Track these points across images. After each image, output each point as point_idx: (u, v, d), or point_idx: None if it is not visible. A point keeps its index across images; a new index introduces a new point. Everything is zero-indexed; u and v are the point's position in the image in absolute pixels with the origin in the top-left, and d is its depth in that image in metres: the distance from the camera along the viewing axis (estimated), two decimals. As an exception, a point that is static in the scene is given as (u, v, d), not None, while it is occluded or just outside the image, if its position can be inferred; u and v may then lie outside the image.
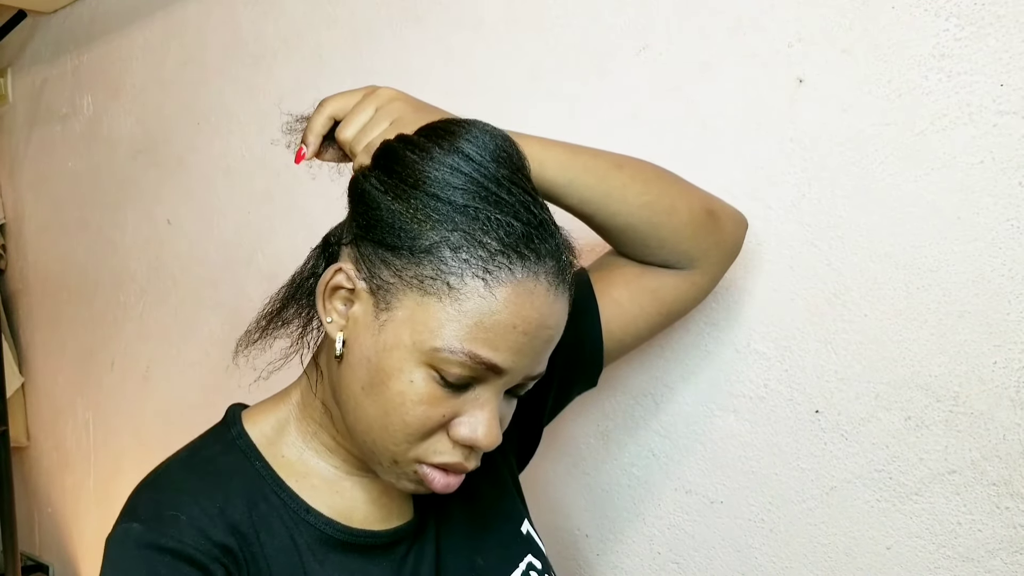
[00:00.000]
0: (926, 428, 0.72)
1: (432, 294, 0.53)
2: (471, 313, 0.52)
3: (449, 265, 0.52)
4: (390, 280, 0.54)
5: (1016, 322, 0.68)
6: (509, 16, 0.99)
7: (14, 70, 1.99)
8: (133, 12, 1.60)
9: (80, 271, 1.84)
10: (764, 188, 0.80)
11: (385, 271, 0.54)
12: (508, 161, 0.56)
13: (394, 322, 0.54)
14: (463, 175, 0.54)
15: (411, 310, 0.53)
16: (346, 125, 0.62)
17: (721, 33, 0.82)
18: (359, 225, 0.56)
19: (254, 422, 0.63)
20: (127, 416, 1.75)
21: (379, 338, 0.54)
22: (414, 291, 0.53)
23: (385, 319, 0.54)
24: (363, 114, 0.61)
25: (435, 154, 0.54)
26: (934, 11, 0.70)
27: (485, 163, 0.54)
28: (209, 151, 1.46)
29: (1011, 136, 0.67)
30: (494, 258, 0.52)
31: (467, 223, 0.53)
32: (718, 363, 0.85)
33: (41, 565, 2.07)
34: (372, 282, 0.55)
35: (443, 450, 0.56)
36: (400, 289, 0.54)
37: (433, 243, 0.53)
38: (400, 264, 0.53)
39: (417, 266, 0.53)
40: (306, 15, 1.25)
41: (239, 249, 1.42)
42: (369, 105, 0.62)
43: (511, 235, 0.53)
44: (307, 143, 0.63)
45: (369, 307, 0.55)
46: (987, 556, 0.70)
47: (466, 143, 0.54)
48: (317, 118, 0.63)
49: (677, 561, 0.90)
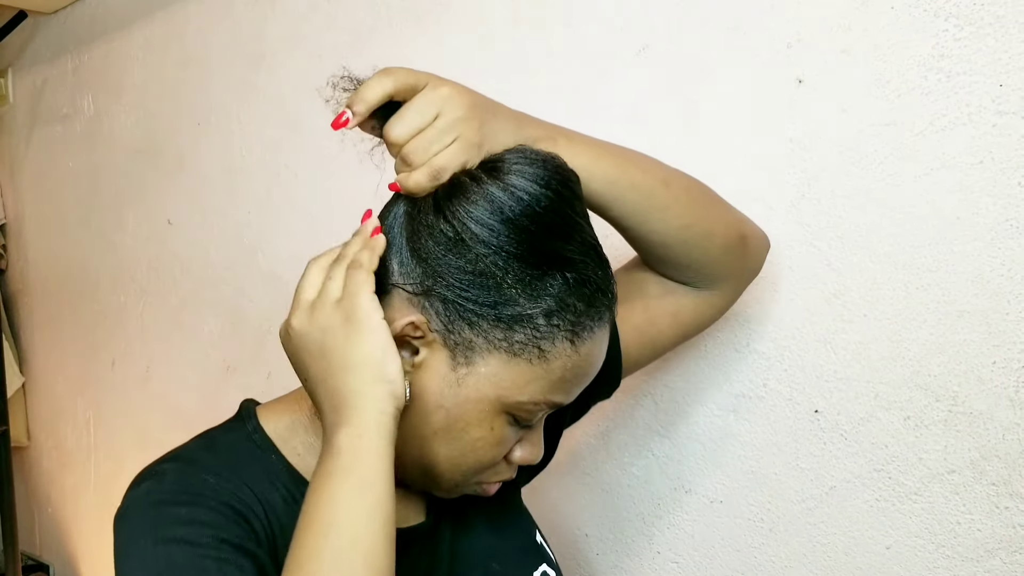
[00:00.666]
0: (925, 428, 0.72)
1: (522, 357, 0.54)
2: (558, 370, 0.55)
3: (541, 331, 0.53)
4: (473, 339, 0.53)
5: (1015, 322, 0.68)
6: (509, 16, 0.99)
7: (15, 70, 2.00)
8: (133, 12, 1.60)
9: (80, 271, 1.84)
10: (764, 188, 0.80)
11: (467, 330, 0.53)
12: (573, 196, 0.56)
13: (475, 376, 0.54)
14: (542, 228, 0.53)
15: (496, 368, 0.54)
16: (400, 122, 0.54)
17: (721, 33, 0.82)
18: (432, 276, 0.53)
19: (268, 419, 0.62)
20: (127, 416, 1.75)
21: (458, 391, 0.55)
22: (501, 352, 0.54)
23: (465, 373, 0.54)
24: (422, 116, 0.54)
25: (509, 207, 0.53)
26: (934, 11, 0.70)
27: (555, 208, 0.54)
28: (209, 151, 1.47)
29: (1010, 136, 0.67)
30: (580, 320, 0.54)
31: (556, 287, 0.53)
32: (718, 363, 0.85)
33: (41, 565, 2.07)
34: (449, 337, 0.54)
35: (501, 470, 0.60)
36: (485, 349, 0.54)
37: (525, 312, 0.53)
38: (487, 327, 0.53)
39: (508, 330, 0.53)
40: (306, 15, 1.25)
41: (239, 249, 1.42)
42: (430, 107, 0.54)
43: (591, 290, 0.55)
44: (355, 111, 0.54)
45: (443, 359, 0.54)
46: (986, 556, 0.70)
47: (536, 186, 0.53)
48: (375, 88, 0.54)
49: (677, 561, 0.90)
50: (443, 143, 0.54)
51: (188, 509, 0.52)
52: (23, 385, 2.06)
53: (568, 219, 0.54)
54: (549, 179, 0.54)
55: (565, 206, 0.54)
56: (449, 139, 0.54)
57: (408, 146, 0.54)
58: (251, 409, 0.63)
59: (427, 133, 0.54)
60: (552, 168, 0.55)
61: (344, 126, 0.54)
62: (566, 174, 0.56)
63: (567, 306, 0.54)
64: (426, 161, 0.54)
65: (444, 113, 0.54)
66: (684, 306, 0.71)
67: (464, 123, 0.54)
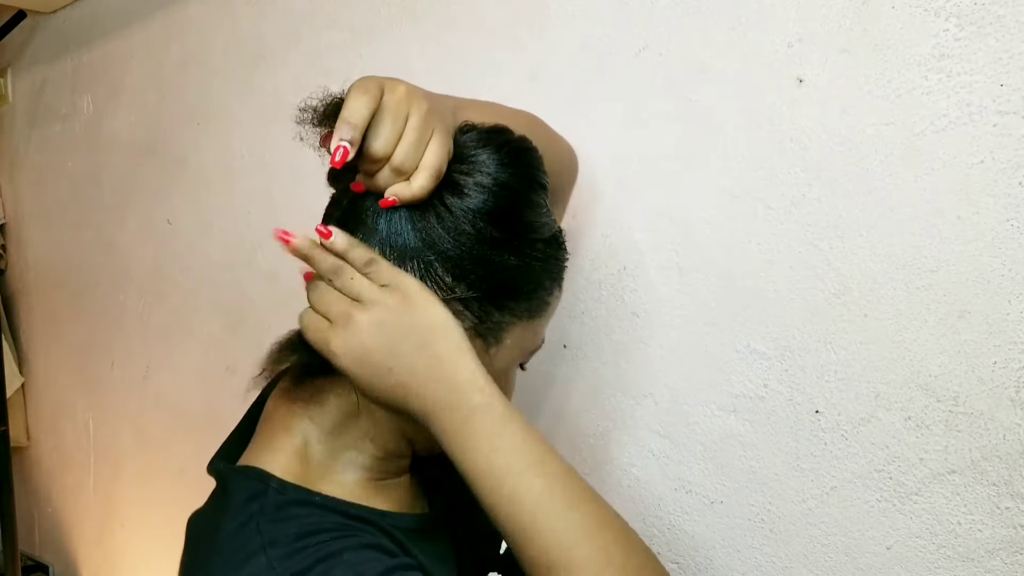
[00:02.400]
0: (926, 428, 0.72)
1: (536, 315, 0.60)
2: (552, 312, 0.62)
3: (548, 288, 0.60)
4: (502, 319, 0.58)
5: (1016, 322, 0.68)
6: (509, 16, 0.99)
7: (14, 70, 1.99)
8: (133, 12, 1.60)
9: (80, 271, 1.84)
10: (764, 188, 0.80)
11: (496, 314, 0.57)
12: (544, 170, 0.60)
13: (505, 349, 0.59)
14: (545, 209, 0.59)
15: (520, 335, 0.59)
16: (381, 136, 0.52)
17: (721, 33, 0.82)
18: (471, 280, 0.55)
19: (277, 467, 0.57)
20: (127, 416, 1.75)
21: (493, 366, 0.58)
22: (523, 320, 0.59)
23: (495, 351, 0.58)
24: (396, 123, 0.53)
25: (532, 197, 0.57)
26: (934, 11, 0.70)
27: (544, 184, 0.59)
28: (209, 151, 1.46)
29: (1011, 136, 0.67)
30: (563, 266, 0.61)
31: (554, 250, 0.60)
32: (718, 363, 0.85)
33: (41, 565, 2.07)
34: (481, 326, 0.57)
35: None
36: (511, 323, 0.58)
37: (540, 280, 0.59)
38: (514, 305, 0.58)
39: (528, 301, 0.58)
40: (306, 15, 1.25)
41: (239, 249, 1.42)
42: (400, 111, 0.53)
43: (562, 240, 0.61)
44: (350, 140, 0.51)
45: (478, 347, 0.57)
46: (987, 556, 0.70)
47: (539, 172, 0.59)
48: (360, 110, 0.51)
49: (677, 561, 0.90)
50: (426, 141, 0.53)
51: (340, 569, 0.49)
52: (23, 385, 2.06)
53: (545, 186, 0.59)
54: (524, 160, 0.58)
55: (542, 176, 0.59)
56: (429, 135, 0.53)
57: (396, 157, 0.52)
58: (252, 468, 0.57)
59: (408, 137, 0.52)
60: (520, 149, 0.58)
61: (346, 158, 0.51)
62: (531, 150, 0.59)
63: (559, 262, 0.60)
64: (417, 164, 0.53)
65: (412, 113, 0.53)
66: None
67: (432, 115, 0.54)
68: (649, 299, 0.90)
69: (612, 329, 0.93)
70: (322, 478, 0.58)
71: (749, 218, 0.81)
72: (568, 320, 0.97)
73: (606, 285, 0.93)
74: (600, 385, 0.95)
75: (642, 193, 0.89)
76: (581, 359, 0.96)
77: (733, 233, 0.83)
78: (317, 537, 0.51)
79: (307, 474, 0.57)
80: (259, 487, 0.55)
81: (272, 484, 0.55)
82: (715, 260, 0.84)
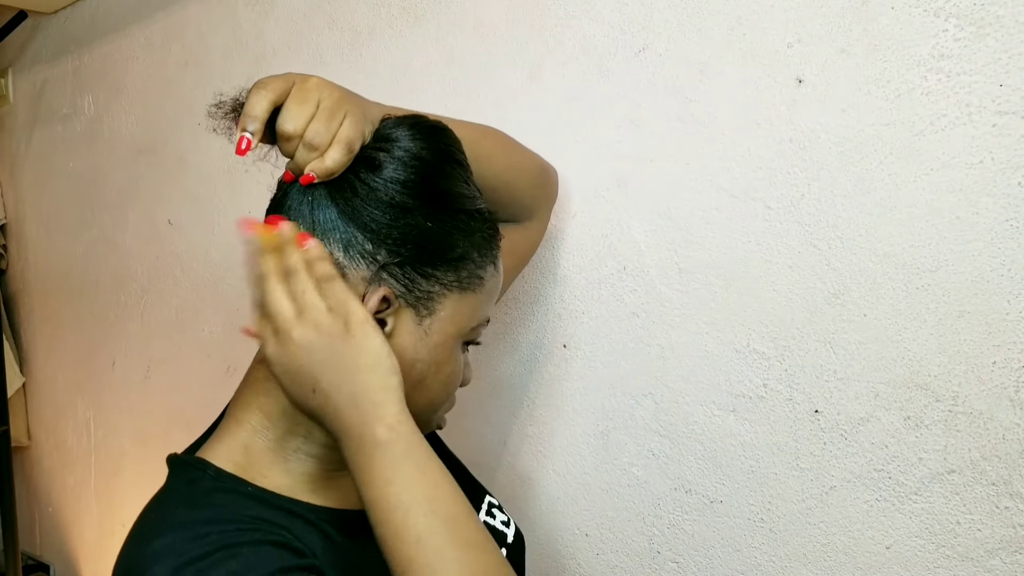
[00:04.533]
0: (925, 428, 0.72)
1: (469, 289, 0.61)
2: (490, 290, 0.63)
3: (478, 262, 0.61)
4: (431, 289, 0.59)
5: (1016, 322, 0.68)
6: (509, 16, 0.99)
7: (15, 70, 2.00)
8: (133, 12, 1.60)
9: (81, 271, 1.84)
10: (764, 188, 0.80)
11: (424, 282, 0.59)
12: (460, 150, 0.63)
13: (439, 322, 0.60)
14: (464, 183, 0.61)
15: (453, 308, 0.60)
16: (290, 117, 0.56)
17: (721, 33, 0.82)
18: (387, 247, 0.57)
19: (220, 457, 0.60)
20: (128, 416, 1.75)
21: (427, 340, 0.60)
22: (455, 292, 0.60)
23: (430, 323, 0.60)
24: (307, 105, 0.57)
25: (447, 169, 0.60)
26: (934, 11, 0.70)
27: (467, 164, 0.62)
28: (209, 151, 1.47)
29: (1010, 136, 0.67)
30: (494, 244, 0.63)
31: (479, 225, 0.61)
32: (718, 363, 0.85)
33: (42, 565, 2.07)
34: (410, 295, 0.59)
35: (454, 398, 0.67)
36: (441, 294, 0.60)
37: (465, 251, 0.60)
38: (440, 274, 0.59)
39: (455, 271, 0.60)
40: (306, 15, 1.25)
41: (240, 249, 1.42)
42: (310, 96, 0.57)
43: (492, 218, 0.63)
44: (251, 131, 0.56)
45: (409, 318, 0.59)
46: (986, 556, 0.70)
47: (456, 150, 0.61)
48: (260, 102, 0.56)
49: (677, 561, 0.90)
50: (338, 120, 0.57)
51: (234, 562, 0.51)
52: (23, 385, 2.06)
53: (464, 164, 0.62)
54: (438, 136, 0.60)
55: (458, 154, 0.62)
56: (341, 115, 0.57)
57: (308, 132, 0.56)
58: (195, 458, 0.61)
59: (319, 115, 0.57)
60: (434, 128, 0.61)
61: (249, 148, 0.56)
62: (446, 131, 0.62)
63: (488, 236, 0.62)
64: (330, 140, 0.56)
65: (324, 98, 0.58)
66: (516, 241, 0.82)
67: (344, 101, 0.58)
68: (649, 299, 0.90)
69: (612, 329, 0.93)
70: (270, 467, 0.61)
71: (749, 218, 0.81)
72: (568, 320, 0.97)
73: (606, 285, 0.93)
74: (600, 385, 0.95)
75: (642, 193, 0.89)
76: (581, 359, 0.96)
77: (733, 233, 0.83)
78: (223, 526, 0.54)
79: (250, 464, 0.60)
80: (196, 475, 0.59)
81: (209, 472, 0.59)
82: (715, 260, 0.84)
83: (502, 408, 1.05)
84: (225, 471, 0.59)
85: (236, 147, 0.56)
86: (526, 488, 1.03)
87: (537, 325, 0.99)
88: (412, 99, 1.10)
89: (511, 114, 0.99)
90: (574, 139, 0.94)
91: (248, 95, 0.58)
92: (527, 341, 1.01)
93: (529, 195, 0.82)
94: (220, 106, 0.60)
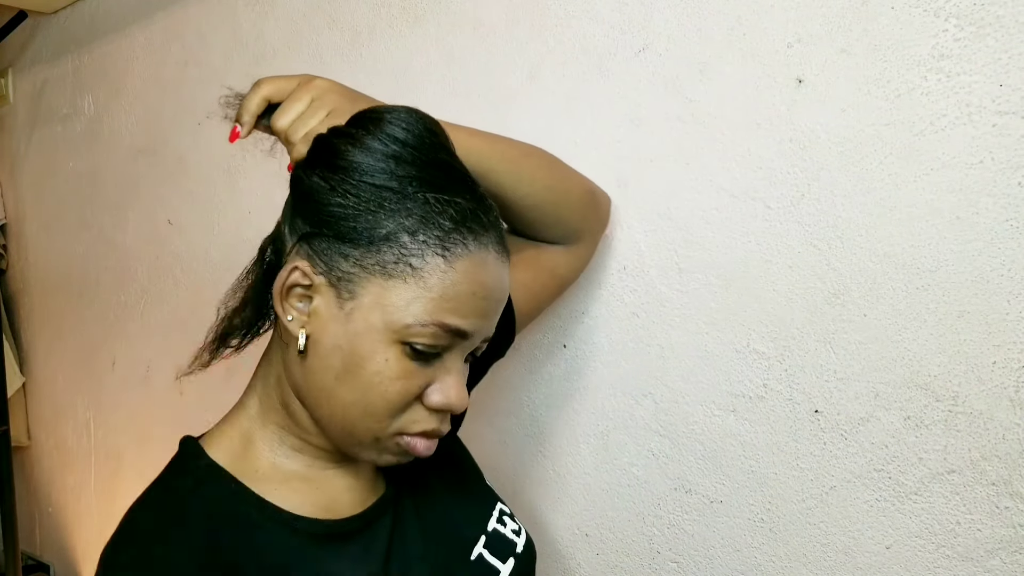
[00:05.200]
0: (925, 428, 0.72)
1: (396, 276, 0.56)
2: (435, 287, 0.56)
3: (409, 248, 0.56)
4: (351, 270, 0.56)
5: (1015, 322, 0.68)
6: (509, 16, 0.99)
7: (15, 70, 2.00)
8: (133, 12, 1.60)
9: (81, 271, 1.84)
10: (764, 188, 0.80)
11: (344, 263, 0.56)
12: (439, 141, 0.60)
13: (361, 308, 0.56)
14: (403, 162, 0.57)
15: (377, 295, 0.56)
16: (282, 113, 0.63)
17: (721, 33, 0.82)
18: (309, 222, 0.58)
19: (217, 446, 0.62)
20: (128, 416, 1.75)
21: (348, 326, 0.57)
22: (377, 277, 0.56)
23: (351, 307, 0.57)
24: (299, 103, 0.63)
25: (371, 144, 0.57)
26: (934, 11, 0.70)
27: (421, 146, 0.58)
28: (209, 151, 1.47)
29: (1010, 136, 0.67)
30: (449, 236, 0.56)
31: (419, 207, 0.56)
32: (718, 363, 0.85)
33: (42, 564, 2.07)
34: (331, 275, 0.57)
35: (420, 419, 0.60)
36: (363, 277, 0.56)
37: (390, 231, 0.56)
38: (359, 254, 0.56)
39: (378, 253, 0.56)
40: (306, 15, 1.25)
41: (239, 249, 1.42)
42: (304, 95, 0.63)
43: (460, 212, 0.57)
44: (242, 122, 0.64)
45: (331, 299, 0.57)
46: (986, 556, 0.70)
47: (398, 129, 0.58)
48: (252, 98, 0.64)
49: (677, 561, 0.90)
50: (319, 118, 0.62)
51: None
52: (23, 385, 2.06)
53: (430, 149, 0.58)
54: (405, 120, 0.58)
55: (428, 137, 0.59)
56: (323, 113, 0.62)
57: (289, 128, 0.62)
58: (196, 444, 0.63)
59: (304, 114, 0.62)
60: (414, 114, 0.59)
61: (238, 137, 0.64)
62: (428, 119, 0.60)
63: (431, 223, 0.56)
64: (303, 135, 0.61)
65: (317, 97, 0.63)
66: (559, 262, 0.82)
67: (335, 100, 0.63)
68: (649, 299, 0.90)
69: (612, 329, 0.93)
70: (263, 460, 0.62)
71: (749, 218, 0.81)
72: (568, 320, 0.97)
73: (606, 285, 0.93)
74: (600, 385, 0.95)
75: (642, 193, 0.89)
76: (581, 359, 0.96)
77: (733, 233, 0.83)
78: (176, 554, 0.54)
79: (246, 452, 0.62)
80: (190, 467, 0.61)
81: (202, 462, 0.60)
82: (715, 260, 0.84)
83: (502, 408, 1.05)
84: (216, 464, 0.60)
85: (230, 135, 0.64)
86: (526, 488, 1.03)
87: (537, 325, 0.99)
88: (412, 99, 1.09)
89: (511, 114, 0.99)
90: (574, 139, 0.94)
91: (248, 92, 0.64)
92: (527, 341, 1.01)
93: (574, 217, 0.80)
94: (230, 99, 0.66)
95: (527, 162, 0.74)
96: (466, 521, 0.70)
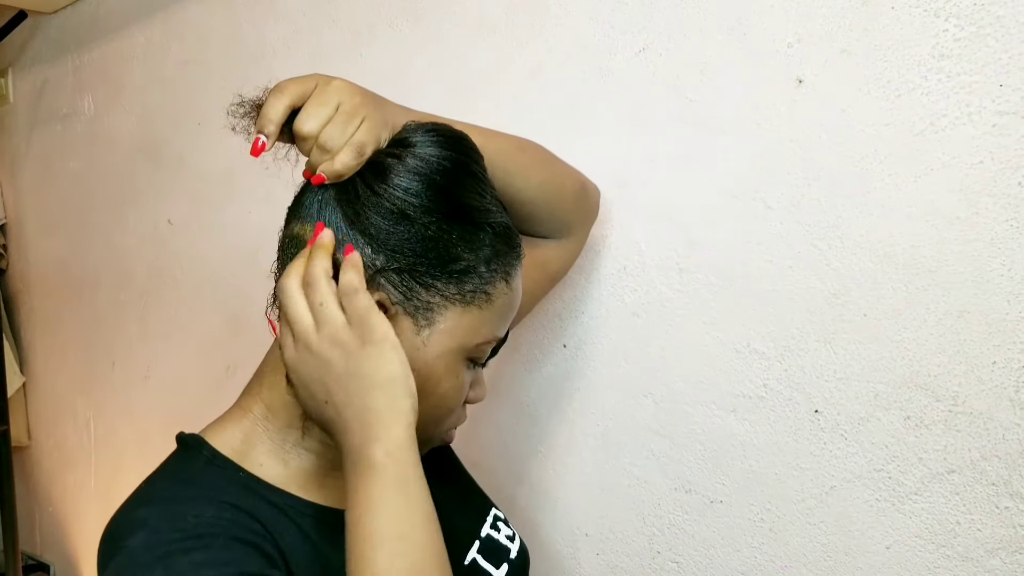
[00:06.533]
0: (925, 428, 0.72)
1: (474, 304, 0.59)
2: (500, 308, 0.61)
3: (484, 278, 0.59)
4: (431, 300, 0.58)
5: (1016, 322, 0.68)
6: (509, 16, 0.99)
7: (15, 70, 2.00)
8: (134, 12, 1.60)
9: (81, 271, 1.84)
10: (764, 188, 0.80)
11: (424, 293, 0.58)
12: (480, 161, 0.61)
13: (437, 334, 0.59)
14: (469, 192, 0.59)
15: (454, 320, 0.59)
16: (308, 117, 0.57)
17: (721, 33, 0.82)
18: (391, 256, 0.57)
19: (219, 439, 0.62)
20: (128, 416, 1.75)
21: (426, 351, 0.59)
22: (457, 305, 0.59)
23: (428, 334, 0.58)
24: (324, 107, 0.57)
25: (440, 173, 0.57)
26: (934, 11, 0.70)
27: (479, 173, 0.60)
28: (209, 151, 1.47)
29: (1011, 136, 0.67)
30: (510, 260, 0.61)
31: (488, 238, 0.59)
32: (718, 363, 0.85)
33: (42, 564, 2.07)
34: (409, 304, 0.58)
35: (461, 415, 0.65)
36: (442, 306, 0.58)
37: (470, 264, 0.58)
38: (441, 285, 0.58)
39: (459, 284, 0.58)
40: (306, 15, 1.25)
41: (240, 249, 1.42)
42: (329, 97, 0.58)
43: (509, 234, 0.61)
44: (266, 133, 0.57)
45: (407, 327, 0.58)
46: (986, 556, 0.70)
47: (472, 162, 0.60)
48: (275, 105, 0.57)
49: (677, 561, 0.90)
50: (354, 124, 0.57)
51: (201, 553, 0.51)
52: (23, 385, 2.06)
53: (479, 176, 0.60)
54: (455, 146, 0.59)
55: (474, 165, 0.60)
56: (358, 120, 0.58)
57: (323, 135, 0.57)
58: (196, 438, 0.62)
59: (336, 119, 0.57)
60: (453, 136, 0.60)
61: (263, 150, 0.57)
62: (466, 140, 0.61)
63: (499, 251, 0.60)
64: (344, 143, 0.56)
65: (344, 101, 0.58)
66: (549, 257, 0.81)
67: (365, 106, 0.58)
68: (649, 299, 0.90)
69: (612, 329, 0.93)
70: (267, 457, 0.61)
71: (749, 218, 0.81)
72: (568, 320, 0.97)
73: (606, 285, 0.93)
74: (600, 385, 0.95)
75: (642, 193, 0.89)
76: (581, 359, 0.96)
77: (733, 233, 0.83)
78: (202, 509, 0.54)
79: (248, 451, 0.61)
80: (192, 452, 0.60)
81: (204, 452, 0.60)
82: (715, 260, 0.84)
83: (502, 408, 1.05)
84: (220, 453, 0.60)
85: (252, 148, 0.57)
86: (526, 488, 1.03)
87: (537, 325, 0.99)
88: (412, 99, 1.09)
89: (511, 114, 0.99)
90: (574, 139, 0.94)
91: (267, 97, 0.58)
92: (527, 341, 1.01)
93: (567, 211, 0.80)
94: (241, 106, 0.60)
95: (522, 157, 0.73)
96: (460, 526, 0.70)
